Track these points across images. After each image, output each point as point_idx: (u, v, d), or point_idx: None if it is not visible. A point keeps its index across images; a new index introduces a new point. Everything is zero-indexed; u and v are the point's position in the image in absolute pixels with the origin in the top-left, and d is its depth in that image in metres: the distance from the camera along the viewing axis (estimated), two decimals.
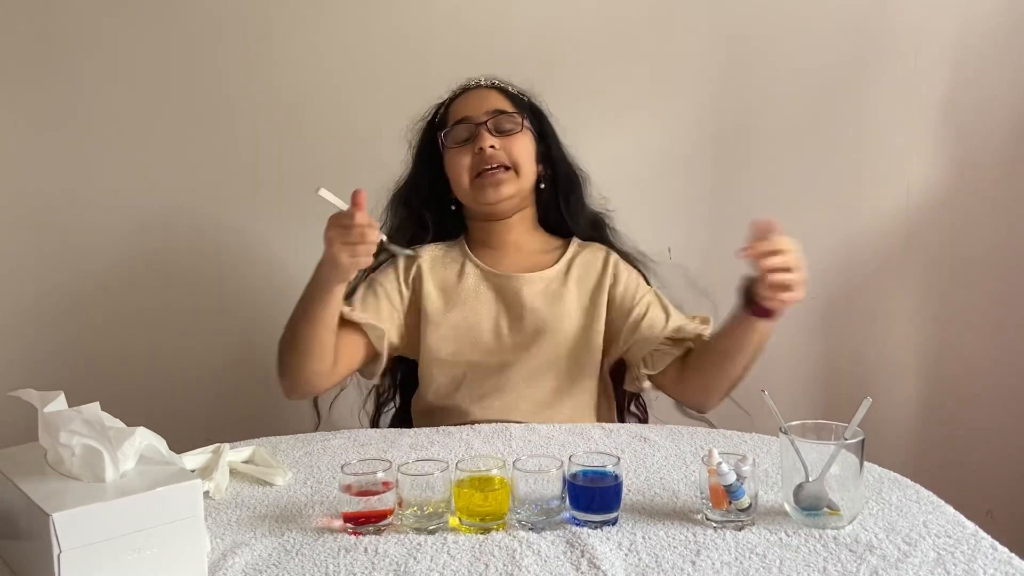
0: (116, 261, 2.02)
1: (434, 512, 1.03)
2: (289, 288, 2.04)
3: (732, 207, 2.08)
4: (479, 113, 1.49)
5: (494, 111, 1.49)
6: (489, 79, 1.56)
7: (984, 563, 0.92)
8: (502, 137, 1.48)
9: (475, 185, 1.48)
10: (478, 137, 1.47)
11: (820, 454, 1.01)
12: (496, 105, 1.50)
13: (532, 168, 1.52)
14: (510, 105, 1.51)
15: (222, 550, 0.99)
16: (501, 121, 1.49)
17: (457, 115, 1.51)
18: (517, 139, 1.49)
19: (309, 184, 2.05)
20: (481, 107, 1.50)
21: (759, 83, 2.04)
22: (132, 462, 0.93)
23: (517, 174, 1.48)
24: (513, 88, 1.55)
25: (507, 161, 1.47)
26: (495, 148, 1.46)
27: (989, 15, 2.01)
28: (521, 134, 1.49)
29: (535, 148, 1.53)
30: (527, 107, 1.55)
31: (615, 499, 1.04)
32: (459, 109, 1.52)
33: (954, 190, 2.07)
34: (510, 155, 1.48)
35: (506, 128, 1.49)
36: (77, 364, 2.02)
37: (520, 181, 1.49)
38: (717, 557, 0.95)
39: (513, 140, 1.48)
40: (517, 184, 1.49)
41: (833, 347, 2.14)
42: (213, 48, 1.97)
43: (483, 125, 1.48)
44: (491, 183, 1.47)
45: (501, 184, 1.47)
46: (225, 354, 2.07)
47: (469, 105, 1.51)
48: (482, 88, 1.54)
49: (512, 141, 1.48)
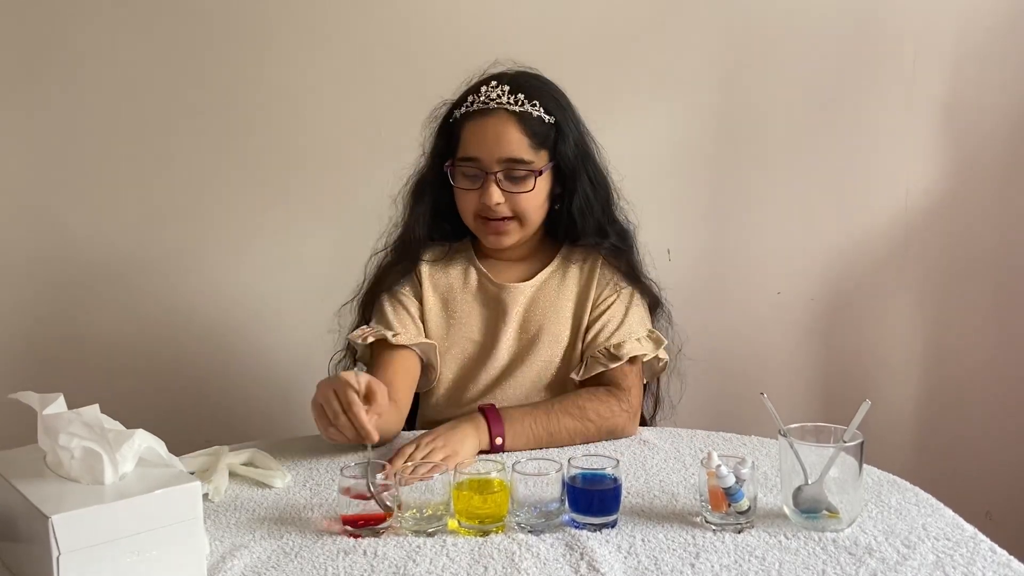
0: (116, 262, 2.01)
1: (433, 514, 1.03)
2: (289, 289, 2.05)
3: (732, 208, 2.08)
4: (491, 159, 1.35)
5: (507, 160, 1.35)
6: (513, 94, 1.37)
7: (983, 566, 0.92)
8: (512, 186, 1.37)
9: (478, 226, 1.43)
10: (486, 187, 1.36)
11: (819, 457, 1.01)
12: (511, 150, 1.35)
13: (541, 213, 1.42)
14: (528, 145, 1.36)
15: (221, 552, 0.99)
16: (513, 171, 1.36)
17: (468, 148, 1.38)
18: (527, 191, 1.37)
19: (309, 184, 2.07)
20: (495, 150, 1.35)
21: (758, 85, 2.04)
22: (131, 464, 0.93)
23: (522, 224, 1.40)
24: (537, 109, 1.37)
25: (512, 213, 1.39)
26: (501, 203, 1.37)
27: (989, 16, 2.01)
28: (535, 183, 1.38)
29: (551, 183, 1.42)
30: (550, 134, 1.39)
31: (614, 502, 1.04)
32: (472, 140, 1.37)
33: (953, 191, 2.07)
34: (516, 207, 1.38)
35: (518, 177, 1.37)
36: (76, 366, 2.02)
37: (525, 229, 1.42)
38: (716, 560, 0.95)
39: (523, 192, 1.37)
40: (521, 232, 1.42)
41: (832, 350, 2.14)
42: (213, 48, 1.97)
43: (492, 176, 1.36)
44: (493, 232, 1.40)
45: (504, 235, 1.40)
46: (225, 356, 2.07)
47: (484, 142, 1.36)
48: (502, 113, 1.36)
49: (522, 193, 1.37)
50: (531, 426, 1.31)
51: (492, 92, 1.37)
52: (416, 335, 1.42)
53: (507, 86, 1.37)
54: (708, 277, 2.08)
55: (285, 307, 2.05)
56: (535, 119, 1.37)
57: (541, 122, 1.37)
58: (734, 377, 2.07)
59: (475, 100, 1.38)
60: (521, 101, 1.36)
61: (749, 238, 2.09)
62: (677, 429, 1.40)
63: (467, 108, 1.39)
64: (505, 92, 1.37)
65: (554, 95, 1.42)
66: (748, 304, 2.09)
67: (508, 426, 1.30)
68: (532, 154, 1.37)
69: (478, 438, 1.28)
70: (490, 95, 1.37)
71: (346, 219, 1.97)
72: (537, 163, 1.37)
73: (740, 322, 2.09)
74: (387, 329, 1.41)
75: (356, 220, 1.53)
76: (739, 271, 2.10)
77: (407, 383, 1.40)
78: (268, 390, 2.07)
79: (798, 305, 2.12)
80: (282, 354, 2.06)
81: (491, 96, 1.37)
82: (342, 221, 1.99)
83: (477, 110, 1.37)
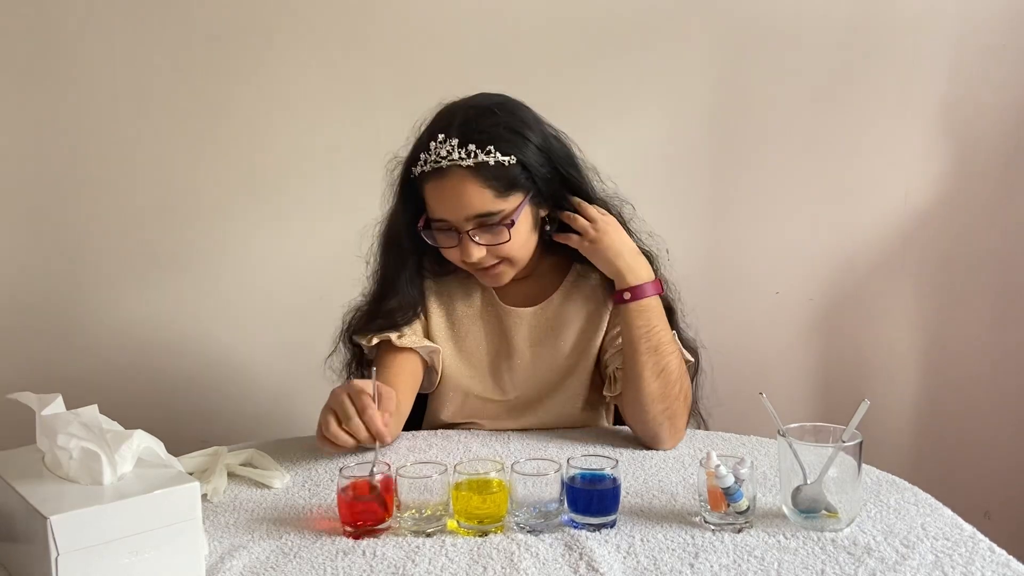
0: (115, 262, 2.01)
1: (432, 515, 1.03)
2: (289, 289, 2.05)
3: (731, 208, 2.08)
4: (459, 219, 1.28)
5: (475, 216, 1.27)
6: (463, 147, 1.26)
7: (982, 565, 0.92)
8: (489, 237, 1.29)
9: (470, 272, 1.38)
10: (463, 245, 1.30)
11: (818, 456, 1.01)
12: (476, 207, 1.26)
13: (529, 248, 1.36)
14: (492, 196, 1.27)
15: (220, 553, 0.99)
16: (485, 223, 1.28)
17: (435, 210, 1.30)
18: (502, 238, 1.29)
19: (309, 184, 2.07)
20: (459, 210, 1.27)
21: (757, 85, 2.04)
22: (130, 465, 0.93)
23: (512, 264, 1.35)
24: (493, 156, 1.26)
25: (498, 259, 1.33)
26: (484, 256, 1.31)
27: (989, 16, 2.01)
28: (508, 233, 1.29)
29: (533, 216, 1.34)
30: (515, 175, 1.28)
31: (613, 502, 1.04)
32: (436, 203, 1.29)
33: (952, 191, 2.07)
34: (499, 254, 1.32)
35: (492, 225, 1.29)
36: (75, 367, 2.02)
37: (517, 265, 1.36)
38: (715, 560, 0.95)
39: (500, 243, 1.30)
40: (515, 269, 1.36)
41: (831, 349, 2.14)
42: (212, 50, 1.97)
43: (465, 234, 1.29)
44: (487, 277, 1.36)
45: (498, 277, 1.36)
46: (224, 357, 2.07)
47: (446, 203, 1.28)
48: (457, 171, 1.26)
49: (497, 243, 1.30)
50: (657, 331, 1.31)
51: (441, 150, 1.26)
52: (420, 339, 1.41)
53: (455, 140, 1.26)
54: (707, 277, 2.08)
55: (284, 307, 2.05)
56: (493, 168, 1.26)
57: (500, 167, 1.27)
58: (733, 377, 2.06)
59: (427, 159, 1.28)
60: (473, 152, 1.25)
61: (748, 238, 2.09)
62: None
63: (421, 167, 1.29)
64: (455, 147, 1.26)
65: (510, 128, 1.29)
66: (746, 304, 2.10)
67: (647, 305, 1.31)
68: (500, 203, 1.28)
69: (638, 263, 1.33)
70: (440, 152, 1.26)
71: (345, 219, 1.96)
72: (507, 208, 1.28)
73: (739, 322, 2.09)
74: (392, 330, 1.39)
75: (356, 220, 1.53)
76: (738, 271, 2.10)
77: (410, 385, 1.39)
78: (267, 390, 2.07)
79: (797, 305, 2.12)
80: (281, 354, 2.06)
81: (441, 155, 1.26)
82: (341, 221, 1.98)
83: (431, 170, 1.28)
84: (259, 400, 2.07)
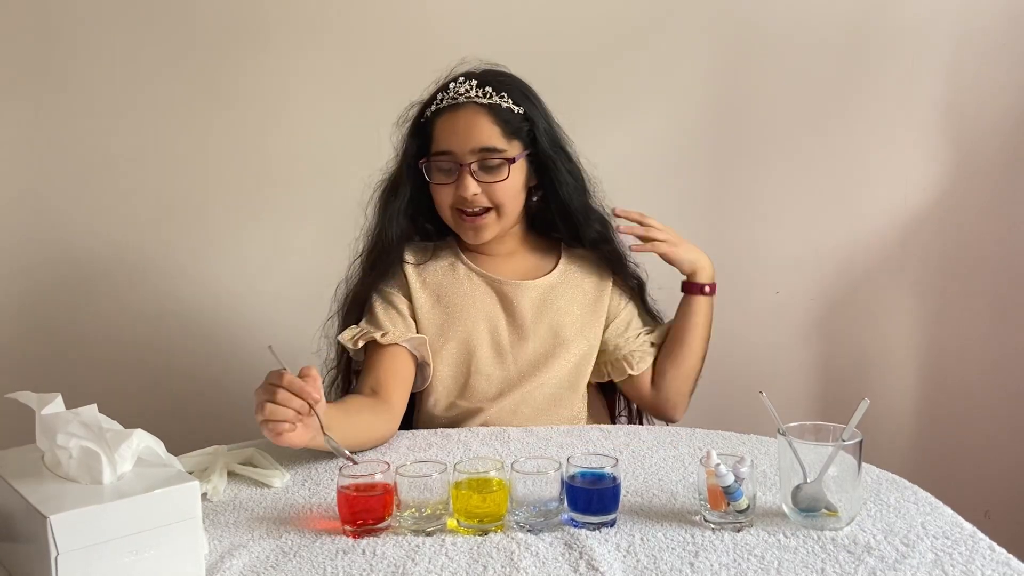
0: (113, 261, 2.01)
1: (432, 514, 1.03)
2: (288, 288, 2.05)
3: (731, 208, 2.08)
4: (464, 151, 1.38)
5: (480, 149, 1.38)
6: (481, 87, 1.41)
7: (982, 564, 0.92)
8: (487, 176, 1.40)
9: (456, 221, 1.44)
10: (461, 179, 1.39)
11: (818, 455, 1.01)
12: (483, 139, 1.38)
13: (518, 203, 1.45)
14: (499, 134, 1.39)
15: (220, 552, 0.99)
16: (487, 160, 1.39)
17: (441, 142, 1.41)
18: (502, 179, 1.40)
19: (309, 183, 2.07)
20: (467, 141, 1.38)
21: (758, 85, 2.04)
22: (130, 464, 0.93)
23: (499, 215, 1.43)
24: (506, 101, 1.41)
25: (490, 203, 1.42)
26: (478, 194, 1.40)
27: (989, 16, 2.01)
28: (509, 171, 1.40)
29: (526, 173, 1.45)
30: (521, 125, 1.42)
31: (613, 501, 1.04)
32: (445, 134, 1.41)
33: (953, 191, 2.07)
34: (493, 198, 1.41)
35: (492, 166, 1.40)
36: (74, 366, 2.02)
37: (503, 220, 1.44)
38: (715, 558, 0.95)
39: (498, 181, 1.40)
40: (499, 224, 1.43)
41: (831, 348, 2.14)
42: (209, 48, 1.97)
43: (467, 167, 1.39)
44: (471, 227, 1.43)
45: (482, 229, 1.43)
46: (223, 355, 2.07)
47: (456, 134, 1.39)
48: (472, 106, 1.40)
49: (497, 183, 1.40)
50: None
51: (460, 87, 1.41)
52: (405, 331, 1.43)
53: (475, 80, 1.42)
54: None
55: (283, 306, 2.05)
56: (504, 109, 1.40)
57: (511, 112, 1.41)
58: (733, 376, 2.07)
59: (444, 97, 1.42)
60: (489, 93, 1.41)
61: (748, 238, 2.09)
62: (676, 428, 1.40)
63: (437, 105, 1.43)
64: (473, 86, 1.41)
65: (522, 89, 1.45)
66: (747, 303, 2.09)
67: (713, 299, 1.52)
68: (504, 143, 1.40)
69: (704, 261, 1.51)
70: (458, 90, 1.41)
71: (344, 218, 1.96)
72: (510, 151, 1.41)
73: (739, 321, 2.09)
74: (376, 329, 1.41)
75: (356, 220, 1.54)
76: (738, 271, 2.09)
77: (399, 382, 1.40)
78: None
79: (797, 305, 2.12)
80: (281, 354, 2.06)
81: (459, 91, 1.41)
82: (340, 220, 1.98)
83: (447, 105, 1.41)
84: None
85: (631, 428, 1.43)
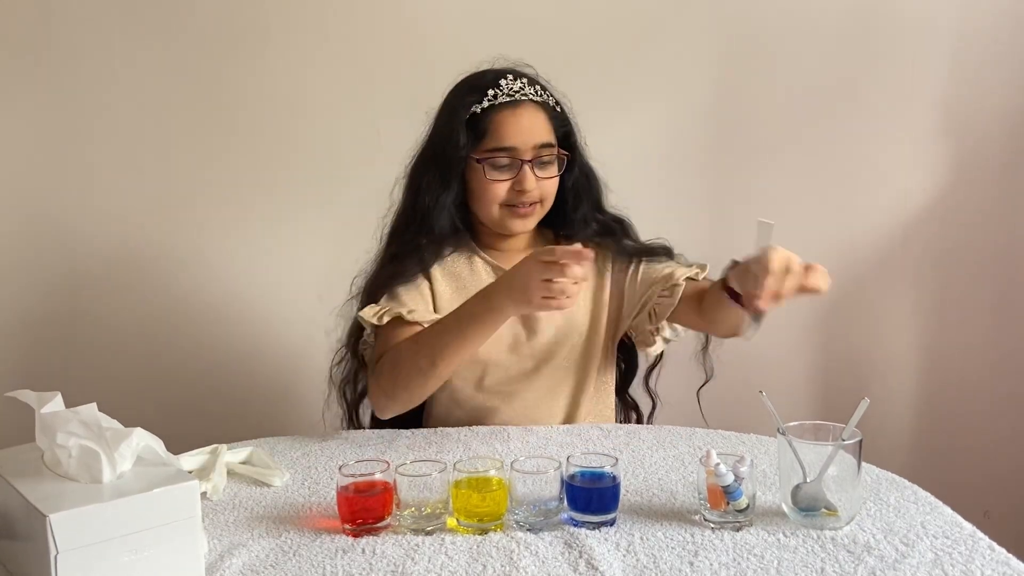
0: (113, 261, 2.01)
1: (432, 513, 1.03)
2: (287, 288, 2.05)
3: (731, 207, 2.08)
4: (527, 147, 1.41)
5: (540, 145, 1.42)
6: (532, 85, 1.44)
7: (982, 563, 0.92)
8: (542, 171, 1.43)
9: (503, 213, 1.45)
10: (521, 175, 1.42)
11: (818, 455, 1.01)
12: (542, 136, 1.43)
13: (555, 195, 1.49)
14: (550, 131, 1.45)
15: (219, 551, 0.99)
16: (543, 156, 1.43)
17: (503, 138, 1.41)
18: (552, 173, 1.45)
19: (309, 183, 2.07)
20: (530, 138, 1.41)
21: (759, 83, 2.04)
22: (129, 463, 0.93)
23: (543, 207, 1.46)
24: (552, 99, 1.47)
25: (540, 198, 1.45)
26: (534, 189, 1.43)
27: (989, 15, 2.01)
28: (555, 166, 1.45)
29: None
30: (563, 122, 1.48)
31: (613, 500, 1.04)
32: (507, 130, 1.41)
33: (953, 190, 2.07)
34: (543, 191, 1.44)
35: (547, 161, 1.44)
36: (74, 365, 2.02)
37: (543, 211, 1.47)
38: (715, 558, 0.95)
39: (551, 177, 1.45)
40: (541, 214, 1.48)
41: (831, 348, 2.14)
42: (211, 46, 1.97)
43: (529, 163, 1.42)
44: (520, 217, 1.45)
45: (529, 218, 1.46)
46: (223, 355, 2.06)
47: (519, 130, 1.41)
48: (530, 103, 1.43)
49: (548, 177, 1.44)
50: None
51: (515, 84, 1.44)
52: (427, 312, 1.43)
53: (525, 79, 1.45)
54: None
55: (284, 305, 2.05)
56: (552, 107, 1.46)
57: (555, 109, 1.46)
58: (733, 375, 2.06)
59: (498, 93, 1.43)
60: (539, 92, 1.45)
61: (748, 238, 2.08)
62: (676, 427, 1.40)
63: (491, 102, 1.43)
64: (526, 84, 1.45)
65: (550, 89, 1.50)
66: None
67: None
68: (554, 139, 1.45)
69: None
70: (513, 87, 1.43)
71: (345, 218, 1.97)
72: (557, 148, 1.45)
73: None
74: (402, 306, 1.40)
75: (355, 219, 1.53)
76: None
77: None
78: (267, 389, 2.07)
79: (797, 304, 2.11)
80: (280, 352, 2.06)
81: (515, 88, 1.43)
82: (341, 220, 1.99)
83: (505, 102, 1.43)
84: (259, 399, 2.07)
85: (631, 428, 1.43)
